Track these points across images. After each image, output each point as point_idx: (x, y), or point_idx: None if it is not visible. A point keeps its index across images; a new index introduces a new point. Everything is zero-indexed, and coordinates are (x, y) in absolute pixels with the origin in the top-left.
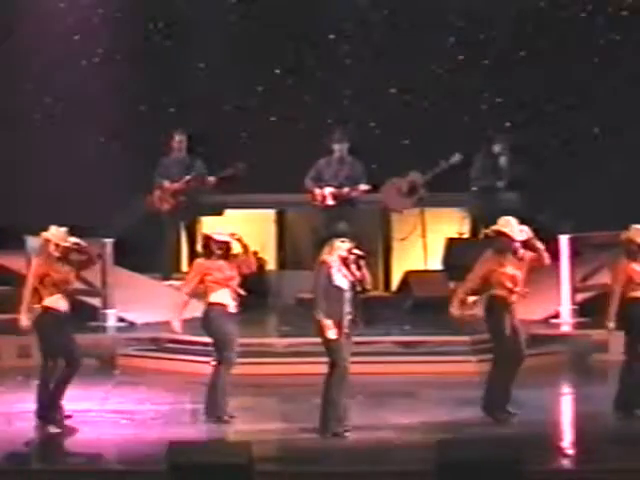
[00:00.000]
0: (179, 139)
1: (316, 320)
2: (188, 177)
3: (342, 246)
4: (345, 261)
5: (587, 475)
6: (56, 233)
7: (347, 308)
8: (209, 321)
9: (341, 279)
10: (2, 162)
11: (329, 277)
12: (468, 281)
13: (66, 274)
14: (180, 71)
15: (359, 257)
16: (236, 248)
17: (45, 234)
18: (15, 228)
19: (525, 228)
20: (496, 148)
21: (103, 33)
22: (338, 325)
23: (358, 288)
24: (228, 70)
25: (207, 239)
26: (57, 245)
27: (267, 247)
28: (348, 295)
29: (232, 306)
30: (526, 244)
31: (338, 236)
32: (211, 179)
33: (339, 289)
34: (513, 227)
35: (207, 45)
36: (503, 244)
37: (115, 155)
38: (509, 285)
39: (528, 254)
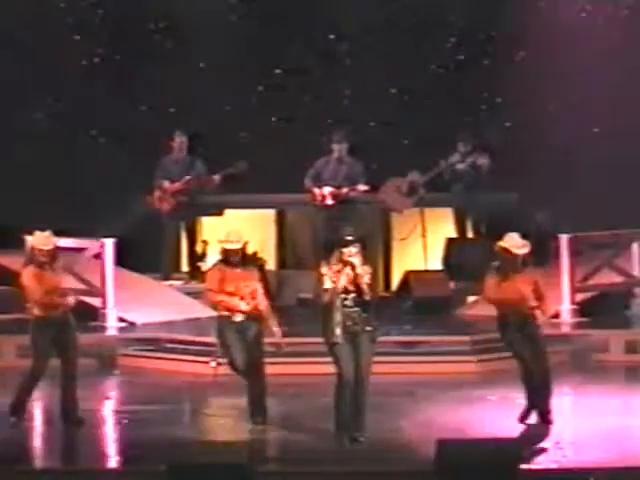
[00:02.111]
0: (179, 139)
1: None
2: (188, 177)
3: (345, 253)
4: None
5: (586, 475)
6: (39, 238)
7: (337, 317)
8: (218, 333)
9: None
10: (2, 162)
11: (320, 286)
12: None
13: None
14: (180, 71)
15: (352, 266)
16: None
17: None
18: (15, 228)
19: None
20: (461, 147)
21: (103, 33)
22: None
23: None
24: (228, 70)
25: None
26: (41, 250)
27: (267, 247)
28: (338, 303)
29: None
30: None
31: (342, 241)
32: (215, 177)
33: None
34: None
35: (207, 45)
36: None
37: (115, 155)
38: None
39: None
